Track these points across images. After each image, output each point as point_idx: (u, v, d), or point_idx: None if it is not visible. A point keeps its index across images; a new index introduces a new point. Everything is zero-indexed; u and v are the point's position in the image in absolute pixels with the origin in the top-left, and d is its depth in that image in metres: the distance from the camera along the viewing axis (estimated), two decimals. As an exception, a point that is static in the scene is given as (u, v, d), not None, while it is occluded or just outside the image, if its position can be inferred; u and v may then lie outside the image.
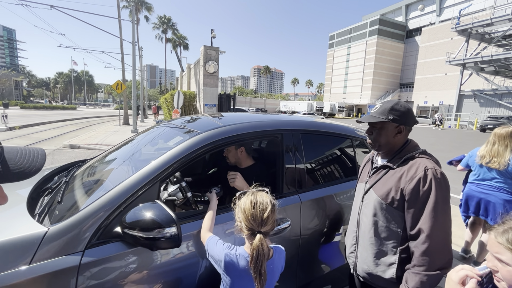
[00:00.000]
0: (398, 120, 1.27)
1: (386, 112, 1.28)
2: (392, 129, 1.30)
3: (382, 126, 1.30)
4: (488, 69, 26.95)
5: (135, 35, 14.04)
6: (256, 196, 1.18)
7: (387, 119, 1.27)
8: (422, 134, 18.43)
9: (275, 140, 1.84)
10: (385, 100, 16.13)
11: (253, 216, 1.13)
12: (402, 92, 56.05)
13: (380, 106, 1.33)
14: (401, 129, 1.30)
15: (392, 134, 1.30)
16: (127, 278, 1.18)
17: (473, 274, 0.78)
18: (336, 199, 1.90)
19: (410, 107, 1.32)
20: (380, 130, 1.31)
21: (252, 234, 1.14)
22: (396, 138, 1.31)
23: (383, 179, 1.31)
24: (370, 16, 59.47)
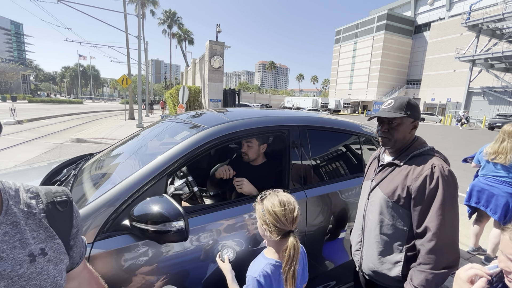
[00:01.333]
0: (414, 115, 1.26)
1: (404, 108, 1.26)
2: (409, 125, 1.28)
3: (401, 122, 1.28)
4: (498, 66, 26.37)
5: (141, 29, 14.04)
6: (281, 196, 1.16)
7: (406, 115, 1.25)
8: (429, 132, 18.19)
9: (282, 136, 1.83)
10: (393, 96, 16.08)
11: (285, 216, 1.11)
12: (409, 88, 55.22)
13: (395, 102, 1.30)
14: (416, 124, 1.29)
15: (409, 130, 1.29)
16: (135, 270, 1.19)
17: (483, 273, 0.77)
18: (341, 196, 1.89)
19: (417, 103, 1.32)
20: (398, 126, 1.28)
21: (283, 235, 1.12)
22: (411, 133, 1.30)
23: (389, 177, 1.30)
24: (378, 11, 58.38)
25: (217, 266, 1.38)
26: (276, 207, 1.12)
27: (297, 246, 1.08)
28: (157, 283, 1.25)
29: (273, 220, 1.11)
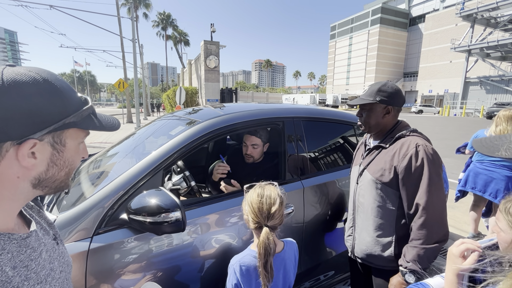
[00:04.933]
0: (385, 101, 1.29)
1: (373, 94, 1.30)
2: (380, 110, 1.31)
3: (371, 108, 1.32)
4: (494, 54, 26.39)
5: (135, 32, 14.02)
6: (263, 189, 1.17)
7: (375, 101, 1.28)
8: (427, 123, 18.21)
9: (277, 128, 1.85)
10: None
11: (259, 209, 1.12)
12: (406, 81, 55.23)
13: (368, 88, 1.34)
14: (389, 109, 1.31)
15: (381, 115, 1.32)
16: (134, 263, 1.21)
17: (474, 247, 0.79)
18: (338, 185, 1.91)
19: (398, 88, 1.33)
20: (369, 111, 1.33)
21: (260, 227, 1.13)
22: (385, 118, 1.32)
23: (376, 159, 1.33)
24: (372, 4, 58.32)
25: (215, 257, 1.40)
26: (253, 199, 1.14)
27: (267, 242, 1.08)
28: (155, 273, 1.26)
29: (250, 211, 1.14)
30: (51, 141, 0.49)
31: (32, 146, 0.46)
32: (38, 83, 0.45)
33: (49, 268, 0.53)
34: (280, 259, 1.17)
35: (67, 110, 0.48)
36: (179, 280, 1.35)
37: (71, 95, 0.51)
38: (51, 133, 0.48)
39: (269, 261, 1.08)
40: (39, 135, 0.45)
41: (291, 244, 1.26)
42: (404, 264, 1.20)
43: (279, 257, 1.17)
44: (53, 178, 0.52)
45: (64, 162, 0.52)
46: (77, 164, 0.57)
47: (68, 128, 0.50)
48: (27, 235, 0.51)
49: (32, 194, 0.52)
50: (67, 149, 0.52)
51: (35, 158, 0.47)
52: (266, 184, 1.22)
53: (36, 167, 0.48)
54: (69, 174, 0.56)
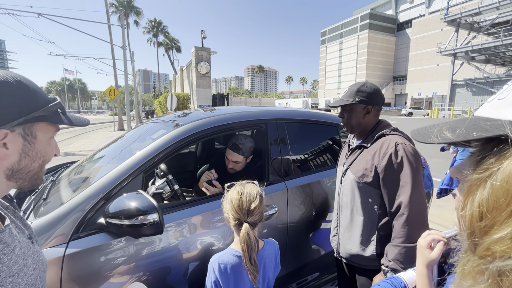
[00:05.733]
0: (365, 101, 1.31)
1: (353, 94, 1.32)
2: (360, 110, 1.34)
3: (351, 108, 1.35)
4: (478, 58, 27.26)
5: (125, 39, 13.99)
6: (243, 186, 1.20)
7: (354, 101, 1.31)
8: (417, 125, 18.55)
9: (260, 130, 1.86)
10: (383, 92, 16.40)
11: (239, 206, 1.13)
12: (396, 84, 56.38)
13: (348, 89, 1.37)
14: (369, 109, 1.34)
15: (361, 115, 1.34)
16: (112, 268, 1.19)
17: (439, 237, 0.81)
18: (322, 185, 1.93)
19: (377, 88, 1.36)
20: (350, 112, 1.35)
21: (240, 224, 1.15)
22: (366, 118, 1.35)
23: (358, 159, 1.35)
24: (361, 10, 59.73)
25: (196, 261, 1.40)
26: (234, 196, 1.16)
27: (247, 237, 1.10)
28: (134, 278, 1.25)
29: (230, 208, 1.15)
30: (22, 133, 0.54)
31: (4, 137, 0.51)
32: (9, 82, 0.52)
33: (22, 264, 0.55)
34: (259, 258, 1.17)
35: (36, 105, 0.55)
36: (159, 285, 1.33)
37: (41, 94, 0.58)
38: (21, 125, 0.53)
39: (253, 256, 1.11)
40: (9, 126, 0.51)
41: (272, 243, 1.26)
42: (386, 263, 1.21)
43: (259, 256, 1.17)
44: (27, 169, 0.57)
45: (36, 154, 0.57)
46: (49, 158, 0.61)
47: (38, 122, 0.56)
48: (0, 230, 0.54)
49: (6, 186, 0.56)
50: (38, 141, 0.57)
51: (7, 149, 0.52)
52: (246, 183, 1.23)
53: (8, 157, 0.53)
54: (42, 166, 0.60)
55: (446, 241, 0.81)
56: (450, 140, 0.31)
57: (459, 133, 0.31)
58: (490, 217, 0.24)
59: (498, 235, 0.23)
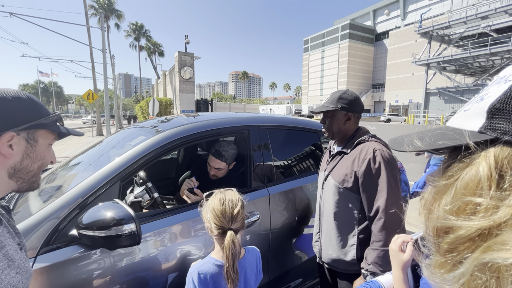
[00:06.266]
0: (346, 108, 1.36)
1: (335, 101, 1.36)
2: (341, 117, 1.38)
3: (333, 115, 1.39)
4: (449, 68, 29.05)
5: (105, 42, 13.60)
6: (224, 194, 1.18)
7: (336, 108, 1.34)
8: (395, 131, 19.36)
9: (243, 136, 1.86)
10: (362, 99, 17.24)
11: (222, 213, 1.11)
12: (375, 92, 58.74)
13: (330, 96, 1.41)
14: (350, 116, 1.38)
15: (342, 122, 1.38)
16: (86, 282, 1.13)
17: (408, 239, 0.84)
18: (304, 190, 1.95)
19: (357, 96, 1.41)
20: (331, 118, 1.39)
21: (223, 233, 1.12)
22: (346, 125, 1.39)
23: (339, 165, 1.38)
24: (341, 21, 62.08)
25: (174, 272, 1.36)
26: (216, 205, 1.13)
27: (232, 245, 1.08)
28: (110, 293, 1.19)
29: (212, 217, 1.12)
30: (26, 137, 0.64)
31: (11, 139, 0.61)
32: (20, 97, 0.65)
33: (7, 264, 0.58)
34: (240, 266, 1.15)
35: (39, 115, 0.66)
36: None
37: (43, 106, 0.70)
38: (26, 130, 0.64)
39: (235, 265, 1.08)
40: (16, 130, 0.62)
41: (253, 251, 1.25)
42: (365, 266, 1.23)
43: (240, 264, 1.15)
44: (27, 169, 0.66)
45: (36, 156, 0.67)
46: (47, 162, 0.71)
47: (40, 129, 0.67)
48: None
49: (7, 185, 0.64)
50: (39, 145, 0.67)
51: (12, 149, 0.62)
52: (226, 190, 1.21)
53: (13, 157, 0.62)
54: (40, 168, 0.69)
55: (414, 242, 0.84)
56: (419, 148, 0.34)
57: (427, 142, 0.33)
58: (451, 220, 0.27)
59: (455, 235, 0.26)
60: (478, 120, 0.29)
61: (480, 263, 0.24)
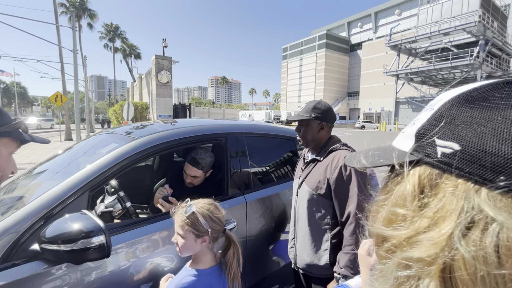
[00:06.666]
0: (320, 117, 1.42)
1: (309, 111, 1.42)
2: (315, 126, 1.44)
3: (307, 123, 1.44)
4: (416, 79, 31.19)
5: (76, 42, 12.95)
6: (204, 200, 1.17)
7: (311, 117, 1.40)
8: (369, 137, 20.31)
9: (220, 144, 1.86)
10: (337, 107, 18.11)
11: (219, 218, 1.15)
12: (350, 100, 61.34)
13: (305, 106, 1.47)
14: (323, 125, 1.45)
15: (316, 130, 1.44)
16: (49, 300, 1.05)
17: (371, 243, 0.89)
18: (281, 197, 1.98)
19: (330, 106, 1.48)
20: (306, 127, 1.45)
21: (216, 237, 1.14)
22: (320, 133, 1.45)
23: (312, 172, 1.43)
24: (318, 30, 64.55)
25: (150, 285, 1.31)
26: (211, 210, 1.13)
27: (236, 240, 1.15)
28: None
29: (213, 225, 1.10)
30: None
31: None
32: None
33: None
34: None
35: (0, 122, 0.63)
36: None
37: (6, 114, 0.66)
38: None
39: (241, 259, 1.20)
40: None
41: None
42: (338, 270, 1.28)
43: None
44: None
45: None
46: (8, 173, 0.68)
47: (1, 137, 0.64)
48: None
49: None
50: (0, 155, 0.65)
51: None
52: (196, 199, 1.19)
53: None
54: (1, 181, 0.67)
55: None
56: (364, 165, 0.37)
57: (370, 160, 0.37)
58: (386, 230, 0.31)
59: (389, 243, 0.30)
60: (409, 142, 0.33)
61: (398, 262, 0.28)
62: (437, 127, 0.31)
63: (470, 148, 0.27)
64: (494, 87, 0.30)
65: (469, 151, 0.26)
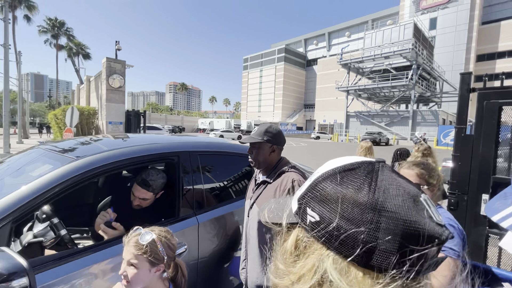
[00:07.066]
0: (271, 141, 1.48)
1: (262, 134, 1.48)
2: (267, 149, 1.50)
3: (260, 146, 1.49)
4: (363, 95, 34.54)
5: (8, 36, 11.38)
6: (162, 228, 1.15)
7: (263, 140, 1.45)
8: (323, 148, 21.62)
9: (172, 163, 1.80)
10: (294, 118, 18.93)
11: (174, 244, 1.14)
12: (307, 111, 64.89)
13: (257, 129, 1.52)
14: (274, 148, 1.51)
15: (268, 153, 1.50)
16: None
17: None
18: (236, 216, 1.98)
19: (280, 130, 1.57)
20: (258, 149, 1.50)
21: None
22: (271, 156, 1.51)
23: (263, 193, 1.47)
24: (278, 44, 67.56)
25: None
26: (169, 238, 1.10)
27: None
28: None
29: (171, 253, 1.10)
30: None
31: None
32: None
33: None
34: None
35: None
36: None
37: None
38: None
39: None
40: None
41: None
42: None
43: None
44: None
45: None
46: None
47: None
48: None
49: None
50: None
51: None
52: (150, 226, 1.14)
53: None
54: None
55: None
56: (266, 221, 0.43)
57: (270, 216, 0.44)
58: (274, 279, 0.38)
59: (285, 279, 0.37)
60: (295, 205, 0.39)
61: None
62: (309, 197, 0.36)
63: (325, 221, 0.32)
64: (351, 168, 0.35)
65: (324, 224, 0.32)
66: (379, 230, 0.30)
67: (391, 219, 0.31)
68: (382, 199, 0.32)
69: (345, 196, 0.33)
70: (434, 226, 0.31)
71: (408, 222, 0.30)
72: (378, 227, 0.30)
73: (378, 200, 0.32)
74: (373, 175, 0.34)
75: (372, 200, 0.32)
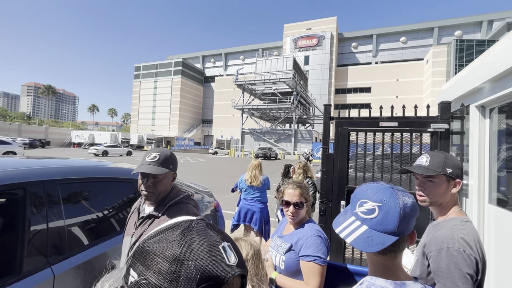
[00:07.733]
0: (174, 168, 1.33)
1: (168, 162, 1.29)
2: (170, 177, 1.33)
3: (165, 176, 1.29)
4: (256, 114, 38.17)
5: None
6: None
7: (170, 169, 1.29)
8: (221, 163, 22.06)
9: (13, 200, 1.32)
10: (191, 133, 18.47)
11: None
12: (205, 127, 65.11)
13: (159, 156, 1.29)
14: (175, 175, 1.37)
15: (170, 182, 1.33)
16: None
17: None
18: (111, 257, 1.64)
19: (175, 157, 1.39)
20: (163, 180, 1.29)
21: None
22: (171, 184, 1.35)
23: (149, 230, 1.27)
24: (174, 57, 65.65)
25: None
26: None
27: None
28: None
29: None
30: None
31: None
32: None
33: None
34: None
35: None
36: None
37: None
38: None
39: None
40: None
41: None
42: None
43: None
44: None
45: None
46: None
47: None
48: None
49: None
50: None
51: None
52: None
53: None
54: None
55: None
56: None
57: None
58: None
59: None
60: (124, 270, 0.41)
61: None
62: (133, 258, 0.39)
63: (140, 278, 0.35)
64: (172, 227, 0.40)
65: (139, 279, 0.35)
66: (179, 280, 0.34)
67: (190, 267, 0.35)
68: (184, 251, 0.37)
69: (157, 251, 0.37)
70: (225, 267, 0.37)
71: (202, 267, 0.36)
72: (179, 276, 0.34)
73: (181, 252, 0.36)
74: (187, 231, 0.39)
75: (177, 253, 0.36)
